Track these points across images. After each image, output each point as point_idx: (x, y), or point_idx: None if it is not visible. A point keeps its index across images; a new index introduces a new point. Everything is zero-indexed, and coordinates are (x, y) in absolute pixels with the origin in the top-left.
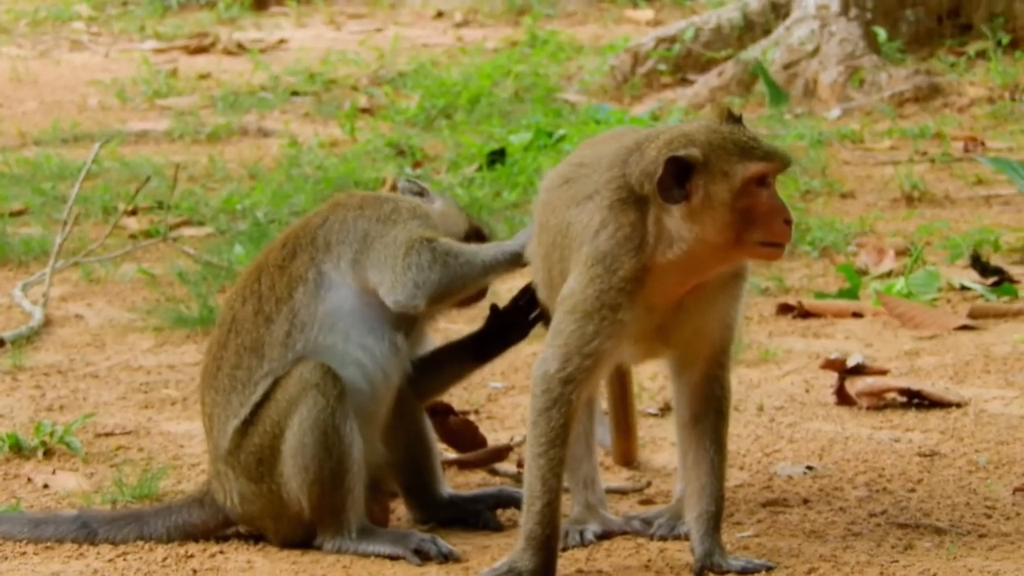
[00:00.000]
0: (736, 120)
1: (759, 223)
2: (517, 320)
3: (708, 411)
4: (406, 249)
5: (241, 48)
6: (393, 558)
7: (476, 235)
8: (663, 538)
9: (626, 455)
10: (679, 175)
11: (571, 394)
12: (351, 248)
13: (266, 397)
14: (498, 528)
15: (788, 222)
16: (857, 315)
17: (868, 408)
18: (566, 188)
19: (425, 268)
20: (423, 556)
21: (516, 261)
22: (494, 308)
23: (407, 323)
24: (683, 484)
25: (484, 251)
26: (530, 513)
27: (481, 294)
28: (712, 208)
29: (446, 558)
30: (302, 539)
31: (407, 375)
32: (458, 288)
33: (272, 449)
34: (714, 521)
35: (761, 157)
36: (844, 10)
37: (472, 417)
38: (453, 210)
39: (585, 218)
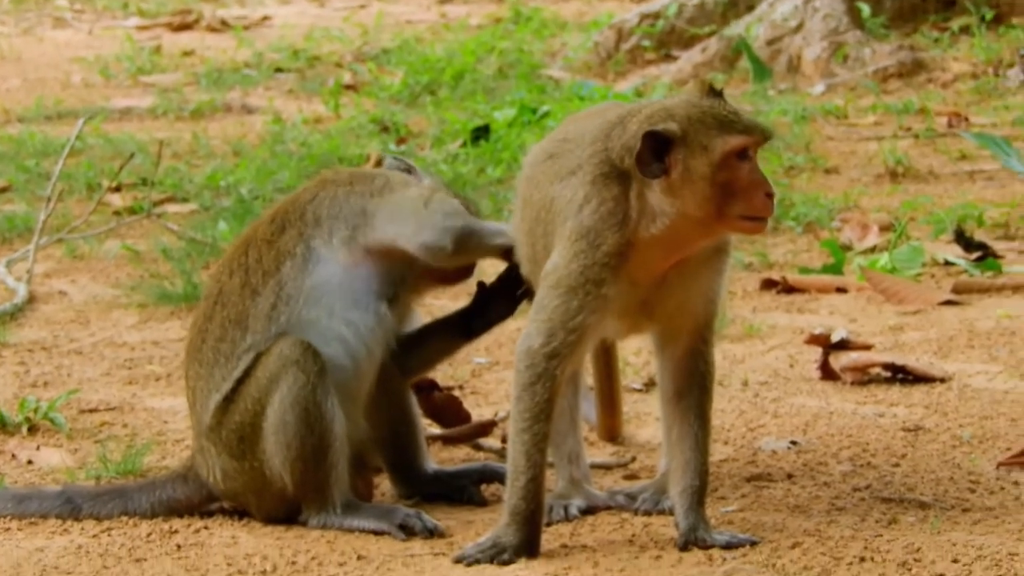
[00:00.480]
0: (717, 94)
1: (740, 197)
2: (504, 296)
3: (692, 386)
4: (426, 199)
5: (225, 25)
6: (378, 533)
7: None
8: (647, 513)
9: (611, 430)
10: (657, 149)
11: (555, 369)
12: (346, 225)
13: (247, 374)
14: (482, 503)
15: (770, 195)
16: (841, 290)
17: (852, 383)
18: (550, 163)
19: (451, 214)
20: (408, 531)
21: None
22: (481, 285)
23: (392, 296)
24: (667, 459)
25: (494, 224)
26: (514, 488)
27: (468, 271)
28: (692, 182)
29: (431, 533)
30: (285, 515)
31: (391, 351)
32: (475, 244)
33: (253, 427)
34: (698, 496)
35: (741, 130)
36: None
37: (456, 392)
38: (438, 186)
39: (569, 193)
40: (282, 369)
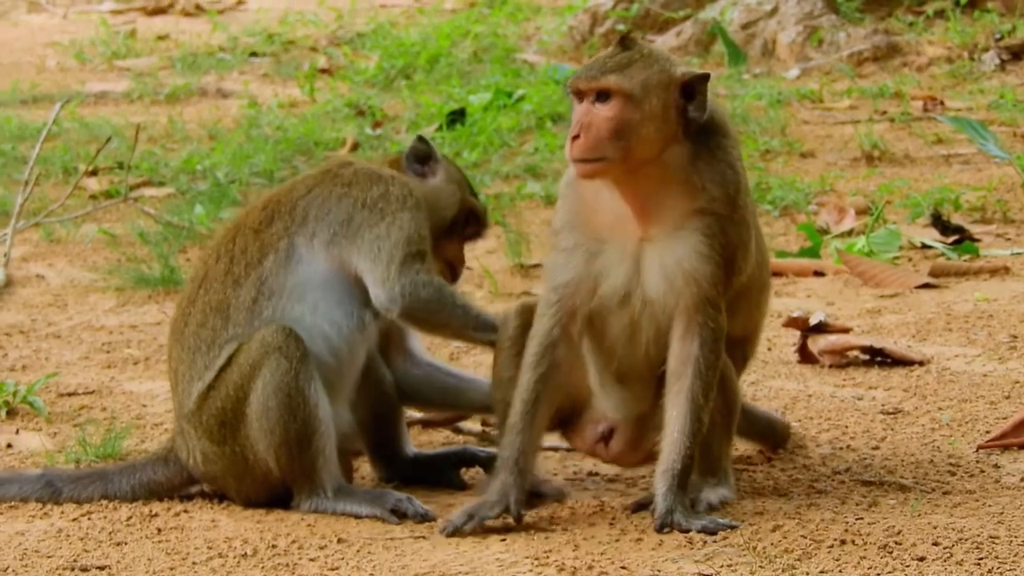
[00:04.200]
0: (620, 41)
1: None
2: None
3: (686, 369)
4: (404, 255)
5: (199, 9)
6: (371, 518)
7: (469, 215)
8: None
9: None
10: None
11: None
12: (329, 228)
13: (229, 361)
14: (462, 487)
15: (573, 137)
16: (819, 273)
17: (831, 366)
18: None
19: (420, 285)
20: (400, 516)
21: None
22: None
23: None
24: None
25: (476, 310)
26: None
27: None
28: None
29: (423, 518)
30: (266, 499)
31: (373, 350)
32: (436, 322)
33: (235, 412)
34: (679, 478)
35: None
36: None
37: None
38: (449, 187)
39: None
40: (264, 356)
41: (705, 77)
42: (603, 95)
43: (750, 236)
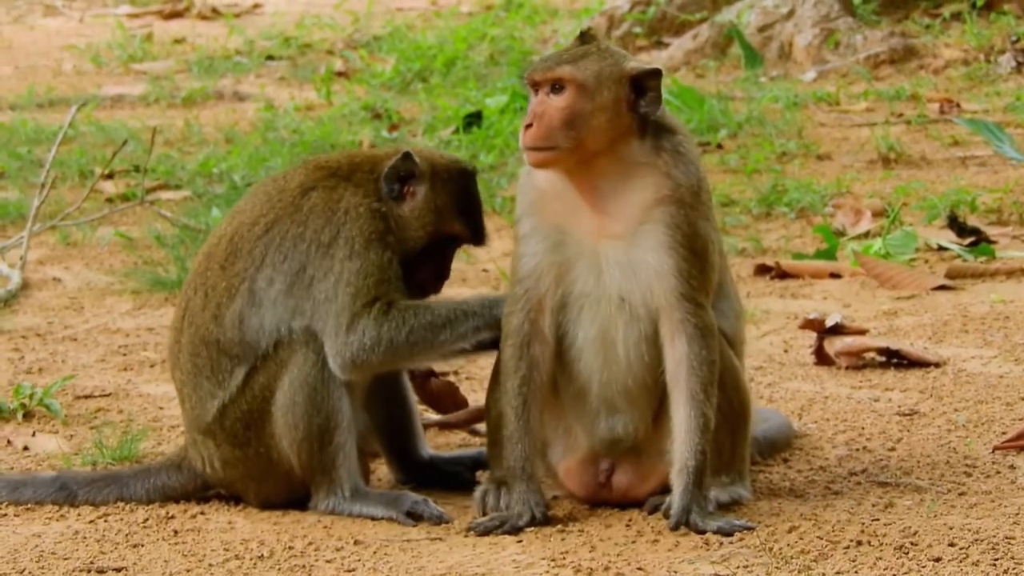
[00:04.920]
0: (579, 36)
1: None
2: None
3: (680, 370)
4: (352, 316)
5: (215, 13)
6: (386, 520)
7: (445, 238)
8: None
9: None
10: None
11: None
12: (285, 277)
13: (252, 370)
14: None
15: (527, 126)
16: (835, 275)
17: (847, 368)
18: None
19: (367, 348)
20: (416, 518)
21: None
22: None
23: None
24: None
25: (457, 322)
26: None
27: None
28: None
29: (439, 520)
30: (285, 500)
31: None
32: (404, 363)
33: (261, 411)
34: (694, 476)
35: None
36: None
37: (452, 379)
38: (423, 216)
39: None
40: (292, 353)
41: (655, 73)
42: (557, 86)
43: (717, 237)
